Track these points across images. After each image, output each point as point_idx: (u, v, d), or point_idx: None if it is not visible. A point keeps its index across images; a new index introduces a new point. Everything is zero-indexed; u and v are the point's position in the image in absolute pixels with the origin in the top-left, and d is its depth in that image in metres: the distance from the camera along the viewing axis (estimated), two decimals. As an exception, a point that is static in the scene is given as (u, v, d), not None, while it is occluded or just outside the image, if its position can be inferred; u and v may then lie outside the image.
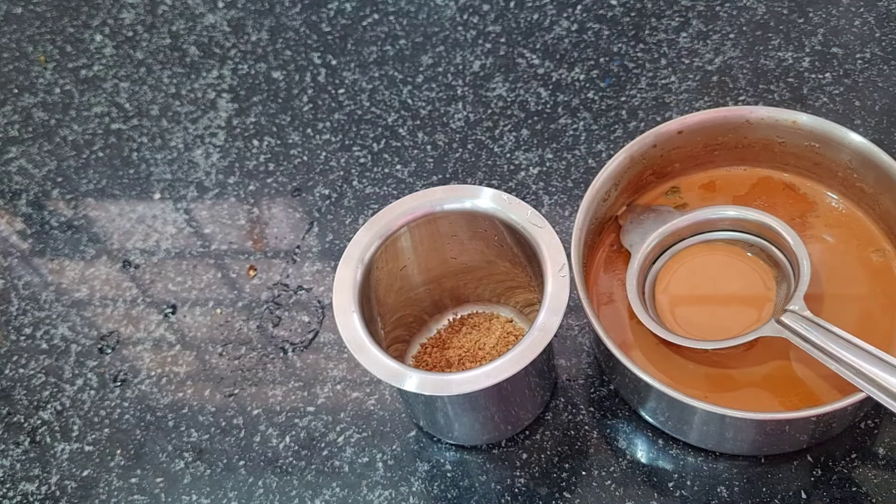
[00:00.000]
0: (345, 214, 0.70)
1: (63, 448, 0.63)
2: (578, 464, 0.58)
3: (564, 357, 0.61)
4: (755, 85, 0.72)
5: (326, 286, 0.67)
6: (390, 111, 0.75)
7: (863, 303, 0.57)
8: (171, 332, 0.67)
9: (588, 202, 0.57)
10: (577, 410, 0.59)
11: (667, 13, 0.77)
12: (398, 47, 0.78)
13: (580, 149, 0.70)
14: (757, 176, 0.62)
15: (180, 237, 0.71)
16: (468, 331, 0.61)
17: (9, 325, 0.68)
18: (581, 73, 0.74)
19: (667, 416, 0.55)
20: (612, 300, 0.59)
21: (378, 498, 0.58)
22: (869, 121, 0.69)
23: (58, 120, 0.79)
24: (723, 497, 0.55)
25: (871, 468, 0.55)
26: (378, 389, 0.62)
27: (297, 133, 0.75)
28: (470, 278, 0.61)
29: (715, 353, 0.56)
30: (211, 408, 0.63)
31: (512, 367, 0.49)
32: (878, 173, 0.56)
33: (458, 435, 0.58)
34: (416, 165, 0.72)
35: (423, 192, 0.56)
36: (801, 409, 0.50)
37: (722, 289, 0.58)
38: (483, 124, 0.73)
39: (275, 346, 0.65)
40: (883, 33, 0.73)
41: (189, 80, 0.79)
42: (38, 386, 0.65)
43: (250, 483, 0.60)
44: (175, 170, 0.74)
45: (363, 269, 0.54)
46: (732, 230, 0.59)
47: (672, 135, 0.60)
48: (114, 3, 0.85)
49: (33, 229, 0.73)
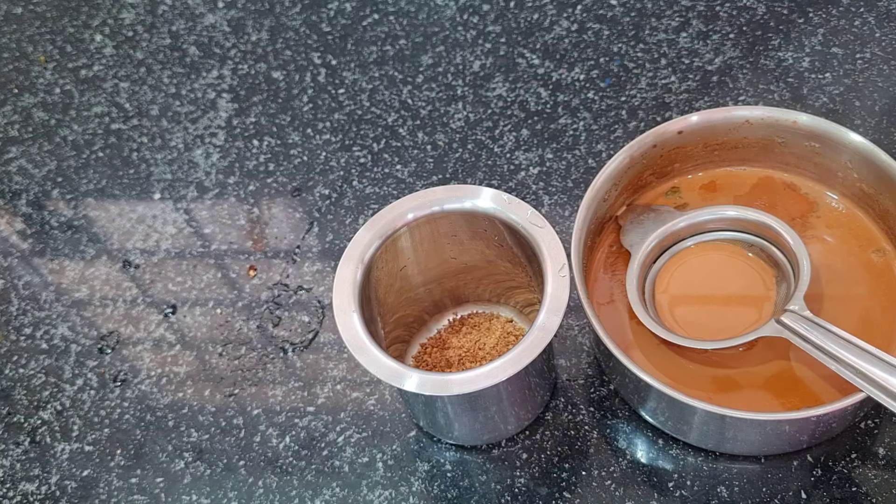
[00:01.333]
0: (345, 214, 0.70)
1: (63, 448, 0.63)
2: (578, 464, 0.58)
3: (564, 357, 0.61)
4: (755, 85, 0.72)
5: (326, 286, 0.67)
6: (390, 111, 0.75)
7: (863, 303, 0.57)
8: (171, 332, 0.67)
9: (588, 202, 0.57)
10: (577, 410, 0.59)
11: (667, 13, 0.77)
12: (398, 47, 0.78)
13: (580, 149, 0.70)
14: (757, 176, 0.62)
15: (180, 237, 0.71)
16: (468, 331, 0.61)
17: (9, 325, 0.68)
18: (581, 73, 0.74)
19: (667, 416, 0.55)
20: (612, 300, 0.59)
21: (378, 498, 0.58)
22: (869, 121, 0.69)
23: (58, 120, 0.79)
24: (723, 497, 0.55)
25: (871, 468, 0.55)
26: (378, 389, 0.62)
27: (297, 133, 0.75)
28: (470, 278, 0.61)
29: (715, 353, 0.56)
30: (211, 408, 0.63)
31: (512, 367, 0.49)
32: (878, 173, 0.56)
33: (458, 435, 0.58)
34: (416, 165, 0.72)
35: (423, 192, 0.55)
36: (801, 410, 0.50)
37: (722, 289, 0.58)
38: (483, 124, 0.73)
39: (275, 346, 0.65)
40: (883, 33, 0.73)
41: (189, 80, 0.79)
42: (38, 386, 0.65)
43: (250, 483, 0.60)
44: (175, 170, 0.74)
45: (363, 269, 0.54)
46: (732, 230, 0.59)
47: (672, 135, 0.60)
48: (114, 3, 0.85)
49: (33, 229, 0.73)
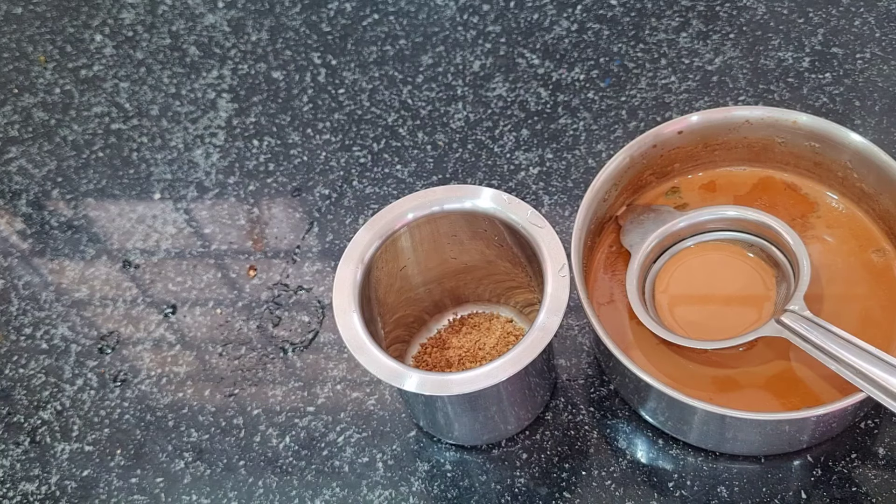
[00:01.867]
0: (345, 214, 0.70)
1: (63, 448, 0.63)
2: (578, 464, 0.58)
3: (564, 357, 0.61)
4: (755, 85, 0.72)
5: (326, 286, 0.67)
6: (390, 111, 0.75)
7: (863, 303, 0.57)
8: (171, 332, 0.67)
9: (588, 202, 0.57)
10: (577, 410, 0.59)
11: (667, 13, 0.77)
12: (398, 47, 0.78)
13: (580, 149, 0.70)
14: (758, 176, 0.62)
15: (180, 237, 0.71)
16: (468, 331, 0.61)
17: (9, 325, 0.68)
18: (581, 73, 0.74)
19: (667, 416, 0.55)
20: (612, 300, 0.59)
21: (378, 498, 0.58)
22: (869, 121, 0.69)
23: (58, 120, 0.79)
24: (723, 497, 0.55)
25: (871, 468, 0.55)
26: (378, 389, 0.62)
27: (297, 133, 0.75)
28: (470, 278, 0.61)
29: (715, 353, 0.56)
30: (211, 408, 0.63)
31: (512, 367, 0.49)
32: (878, 173, 0.56)
33: (458, 435, 0.58)
34: (416, 165, 0.72)
35: (423, 192, 0.55)
36: (801, 410, 0.50)
37: (722, 289, 0.58)
38: (483, 124, 0.73)
39: (275, 346, 0.65)
40: (883, 33, 0.73)
41: (189, 80, 0.79)
42: (38, 386, 0.65)
43: (250, 483, 0.60)
44: (175, 170, 0.74)
45: (363, 269, 0.54)
46: (732, 230, 0.59)
47: (672, 135, 0.60)
48: (114, 3, 0.85)
49: (33, 229, 0.73)
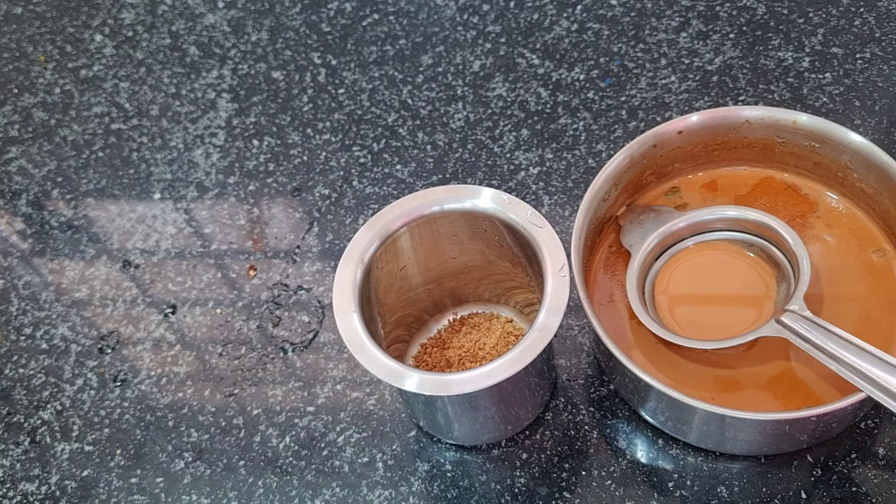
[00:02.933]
0: (345, 214, 0.70)
1: (63, 448, 0.63)
2: (578, 464, 0.58)
3: (564, 357, 0.61)
4: (755, 85, 0.72)
5: (326, 286, 0.67)
6: (390, 111, 0.75)
7: (863, 303, 0.57)
8: (171, 332, 0.67)
9: (588, 202, 0.57)
10: (577, 410, 0.59)
11: (667, 13, 0.77)
12: (398, 47, 0.78)
13: (580, 149, 0.70)
14: (759, 176, 0.62)
15: (180, 237, 0.71)
16: (468, 331, 0.61)
17: (9, 325, 0.68)
18: (581, 73, 0.74)
19: (667, 416, 0.55)
20: (612, 300, 0.59)
21: (378, 498, 0.58)
22: (869, 121, 0.69)
23: (58, 120, 0.79)
24: (723, 497, 0.55)
25: (871, 468, 0.55)
26: (378, 389, 0.62)
27: (297, 133, 0.75)
28: (470, 278, 0.61)
29: (715, 353, 0.55)
30: (211, 408, 0.63)
31: (512, 367, 0.49)
32: (878, 173, 0.56)
33: (458, 435, 0.58)
34: (416, 165, 0.72)
35: (423, 192, 0.55)
36: (801, 409, 0.50)
37: (722, 289, 0.58)
38: (483, 124, 0.73)
39: (275, 346, 0.65)
40: (883, 33, 0.73)
41: (189, 80, 0.79)
42: (38, 386, 0.65)
43: (250, 483, 0.60)
44: (175, 170, 0.74)
45: (363, 269, 0.54)
46: (732, 230, 0.59)
47: (672, 135, 0.60)
48: (114, 3, 0.85)
49: (33, 229, 0.73)
